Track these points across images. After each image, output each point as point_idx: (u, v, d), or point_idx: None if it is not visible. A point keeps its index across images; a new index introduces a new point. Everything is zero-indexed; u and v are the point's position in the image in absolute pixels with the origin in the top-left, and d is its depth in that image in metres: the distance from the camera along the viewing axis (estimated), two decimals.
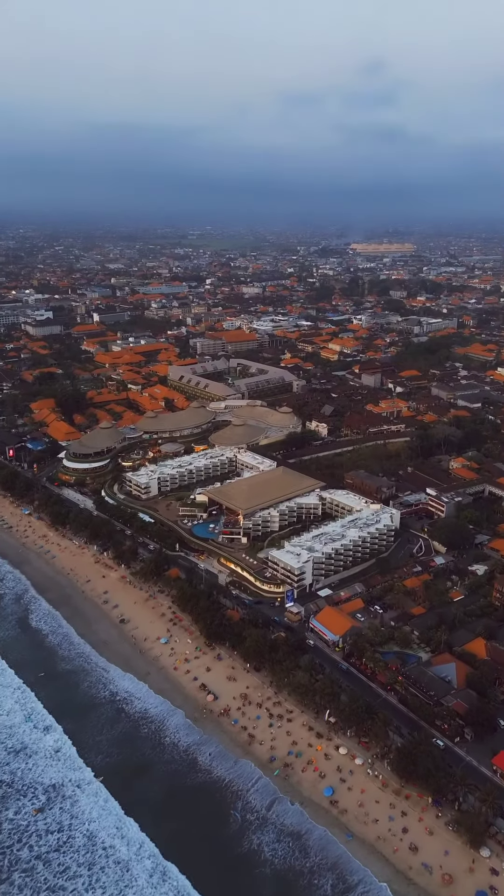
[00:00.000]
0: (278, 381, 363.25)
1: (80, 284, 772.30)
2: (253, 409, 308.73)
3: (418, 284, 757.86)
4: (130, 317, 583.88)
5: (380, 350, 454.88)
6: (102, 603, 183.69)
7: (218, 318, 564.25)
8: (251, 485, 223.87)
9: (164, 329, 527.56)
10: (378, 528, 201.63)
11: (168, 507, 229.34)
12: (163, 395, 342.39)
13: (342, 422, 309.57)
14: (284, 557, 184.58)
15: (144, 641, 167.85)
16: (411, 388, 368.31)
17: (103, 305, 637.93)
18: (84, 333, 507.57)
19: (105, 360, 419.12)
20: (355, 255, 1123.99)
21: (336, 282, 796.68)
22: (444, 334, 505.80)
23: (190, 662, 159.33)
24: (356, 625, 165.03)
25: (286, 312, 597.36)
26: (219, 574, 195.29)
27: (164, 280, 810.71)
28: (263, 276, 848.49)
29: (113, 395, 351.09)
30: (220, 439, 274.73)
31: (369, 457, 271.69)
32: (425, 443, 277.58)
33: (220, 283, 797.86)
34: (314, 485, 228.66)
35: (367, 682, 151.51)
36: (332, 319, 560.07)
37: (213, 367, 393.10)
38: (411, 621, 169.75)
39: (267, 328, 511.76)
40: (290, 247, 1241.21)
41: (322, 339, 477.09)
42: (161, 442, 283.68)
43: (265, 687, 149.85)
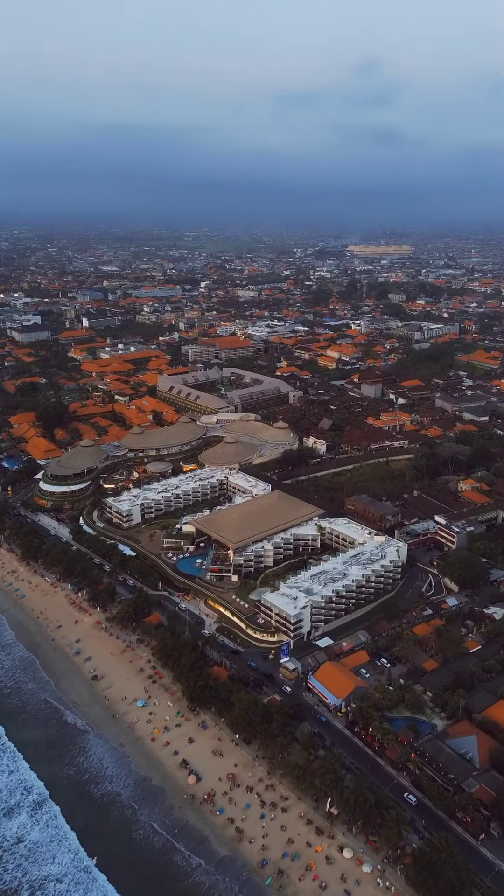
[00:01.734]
0: (273, 393, 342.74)
1: (72, 287, 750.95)
2: (246, 424, 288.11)
3: (417, 287, 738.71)
4: (121, 321, 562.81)
5: (380, 357, 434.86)
6: (74, 654, 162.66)
7: (212, 324, 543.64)
8: (243, 513, 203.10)
9: (156, 335, 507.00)
10: (383, 564, 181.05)
11: (151, 537, 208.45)
12: (151, 408, 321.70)
13: (341, 437, 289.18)
14: (279, 602, 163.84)
15: (119, 703, 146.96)
16: (414, 398, 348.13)
17: (94, 309, 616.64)
18: (72, 339, 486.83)
19: (92, 369, 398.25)
20: (352, 257, 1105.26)
21: (333, 284, 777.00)
22: (445, 340, 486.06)
23: (170, 731, 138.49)
24: (361, 685, 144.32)
25: (282, 317, 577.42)
26: (205, 618, 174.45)
27: (157, 283, 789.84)
28: (259, 279, 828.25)
29: (98, 407, 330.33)
30: (210, 458, 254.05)
31: (371, 477, 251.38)
32: (431, 462, 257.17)
33: (214, 285, 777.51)
34: (312, 512, 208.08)
35: (375, 757, 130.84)
36: (330, 325, 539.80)
37: (205, 376, 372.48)
38: (423, 679, 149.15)
39: (262, 334, 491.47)
40: (287, 248, 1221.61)
41: (319, 346, 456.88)
42: (147, 461, 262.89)
43: (256, 766, 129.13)
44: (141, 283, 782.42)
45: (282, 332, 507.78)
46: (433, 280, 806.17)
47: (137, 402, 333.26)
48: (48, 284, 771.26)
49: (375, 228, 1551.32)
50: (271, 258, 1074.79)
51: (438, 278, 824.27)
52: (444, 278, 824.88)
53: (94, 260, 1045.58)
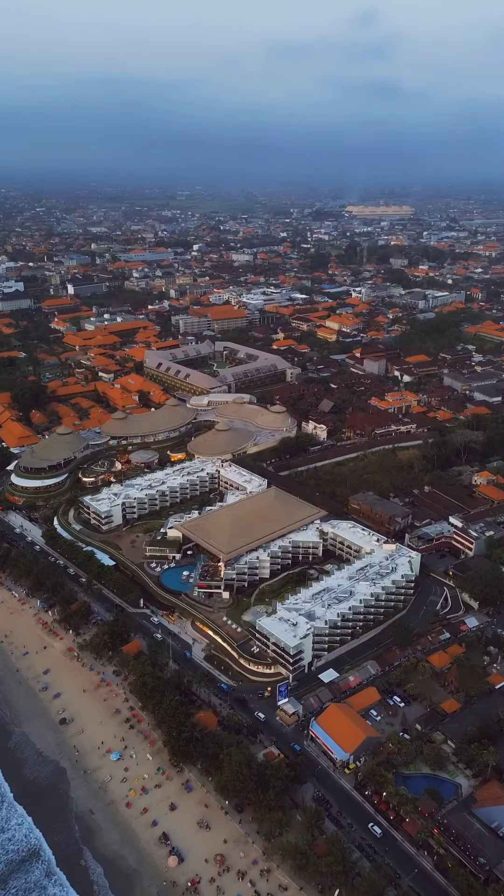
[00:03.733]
0: (269, 370, 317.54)
1: (58, 251, 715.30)
2: (240, 408, 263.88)
3: (420, 252, 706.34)
4: (109, 288, 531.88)
5: (382, 329, 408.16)
6: (41, 690, 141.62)
7: (204, 291, 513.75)
8: (235, 517, 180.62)
9: (145, 303, 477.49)
10: (395, 579, 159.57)
11: (133, 543, 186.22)
12: (137, 388, 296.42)
13: (343, 421, 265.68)
14: (276, 629, 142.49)
15: (91, 754, 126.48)
16: (420, 376, 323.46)
17: (80, 275, 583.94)
18: (55, 308, 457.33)
19: (75, 342, 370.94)
20: (351, 218, 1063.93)
21: (332, 248, 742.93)
22: (451, 310, 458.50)
23: (149, 794, 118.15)
24: (372, 734, 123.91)
25: (279, 283, 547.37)
26: (192, 643, 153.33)
27: (147, 246, 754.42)
28: (255, 242, 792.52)
29: (80, 386, 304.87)
30: (200, 448, 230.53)
31: (376, 468, 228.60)
32: (442, 451, 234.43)
33: (207, 248, 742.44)
34: (313, 515, 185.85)
35: (390, 829, 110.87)
36: (329, 292, 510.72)
37: (196, 351, 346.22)
38: (443, 724, 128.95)
39: (257, 303, 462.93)
40: (283, 209, 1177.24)
41: (318, 316, 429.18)
42: (131, 449, 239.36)
43: (250, 842, 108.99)
44: (131, 247, 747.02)
45: (278, 300, 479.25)
46: (435, 243, 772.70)
47: (122, 380, 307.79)
48: (33, 247, 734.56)
49: (374, 188, 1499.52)
50: (267, 219, 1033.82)
51: (441, 241, 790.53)
52: (447, 241, 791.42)
53: (83, 221, 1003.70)
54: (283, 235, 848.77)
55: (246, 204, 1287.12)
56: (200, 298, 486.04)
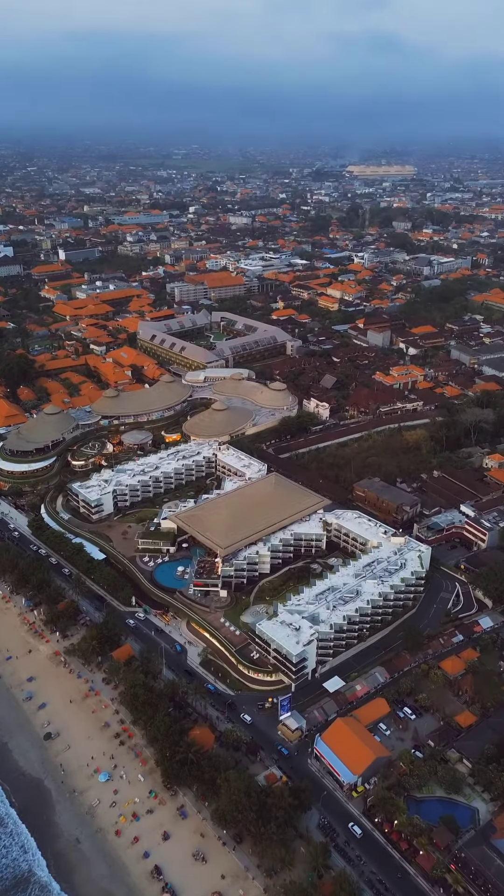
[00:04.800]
0: (269, 343, 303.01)
1: (49, 213, 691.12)
2: (238, 384, 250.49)
3: (423, 214, 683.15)
4: (101, 254, 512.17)
5: (386, 297, 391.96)
6: (25, 699, 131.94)
7: (200, 256, 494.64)
8: (234, 507, 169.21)
9: (139, 269, 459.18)
10: (404, 577, 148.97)
11: (125, 534, 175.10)
12: (130, 361, 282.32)
13: (346, 398, 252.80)
14: (278, 635, 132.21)
15: (77, 774, 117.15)
16: (426, 348, 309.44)
17: (72, 239, 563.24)
18: (46, 275, 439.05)
19: (66, 312, 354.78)
20: (352, 178, 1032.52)
21: (333, 210, 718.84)
22: (457, 277, 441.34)
23: (140, 821, 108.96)
24: (382, 754, 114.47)
25: (278, 248, 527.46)
26: (187, 646, 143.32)
27: (142, 208, 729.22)
28: (253, 203, 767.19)
29: (70, 360, 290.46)
30: (196, 429, 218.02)
31: (382, 450, 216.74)
32: (451, 432, 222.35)
33: (204, 211, 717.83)
34: (316, 504, 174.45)
35: (402, 862, 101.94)
36: (330, 257, 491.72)
37: (191, 322, 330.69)
38: (458, 741, 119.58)
39: (256, 269, 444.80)
40: (282, 169, 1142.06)
41: (319, 283, 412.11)
42: (123, 430, 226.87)
43: (250, 878, 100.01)
44: (125, 209, 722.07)
45: (277, 265, 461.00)
46: (439, 205, 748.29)
47: (115, 353, 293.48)
48: (24, 209, 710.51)
49: (376, 147, 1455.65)
50: (265, 179, 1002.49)
51: (445, 203, 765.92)
52: (451, 203, 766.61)
53: (76, 181, 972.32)
54: (283, 197, 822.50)
55: (244, 164, 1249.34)
56: (197, 264, 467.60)
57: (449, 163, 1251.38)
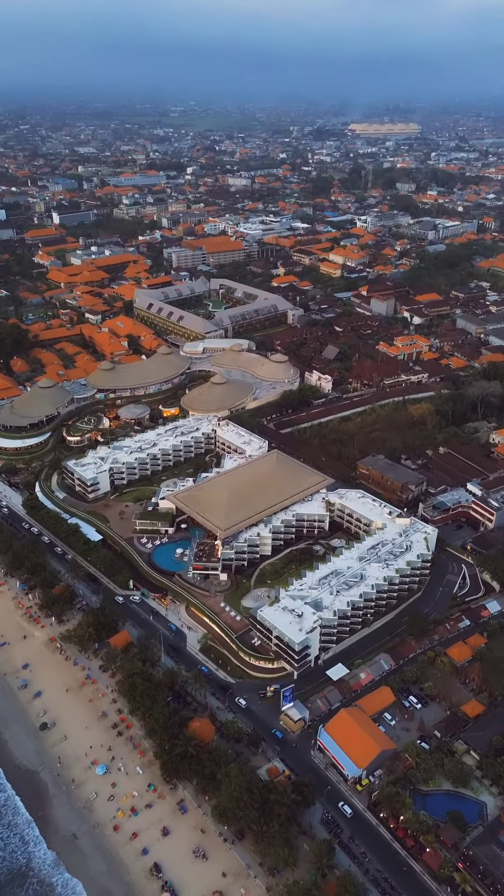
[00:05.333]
0: (269, 311, 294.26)
1: (43, 174, 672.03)
2: (238, 356, 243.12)
3: (428, 175, 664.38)
4: (97, 217, 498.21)
5: (390, 263, 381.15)
6: (20, 688, 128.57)
7: (198, 219, 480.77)
8: (234, 487, 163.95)
9: (135, 233, 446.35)
10: (410, 560, 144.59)
11: (122, 514, 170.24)
12: (126, 331, 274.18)
13: (349, 370, 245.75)
14: (280, 622, 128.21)
15: (75, 766, 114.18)
16: (431, 317, 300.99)
17: (66, 201, 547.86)
18: (39, 240, 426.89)
19: (60, 279, 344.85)
20: (354, 137, 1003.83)
21: (334, 171, 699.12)
22: (463, 241, 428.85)
23: (139, 816, 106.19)
24: (387, 747, 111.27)
25: (278, 211, 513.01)
26: (186, 631, 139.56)
27: (138, 169, 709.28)
28: (252, 164, 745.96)
29: (65, 329, 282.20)
30: (195, 403, 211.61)
31: (386, 425, 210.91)
32: (457, 406, 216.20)
33: (202, 172, 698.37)
34: (319, 483, 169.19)
35: (408, 859, 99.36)
36: (332, 221, 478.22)
37: (189, 289, 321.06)
38: (465, 731, 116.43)
39: (256, 233, 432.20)
40: (283, 127, 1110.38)
41: (321, 248, 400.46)
42: (120, 403, 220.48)
43: (252, 876, 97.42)
44: (120, 169, 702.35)
45: (278, 230, 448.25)
46: (444, 166, 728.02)
47: (111, 322, 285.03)
48: (16, 170, 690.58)
49: (378, 103, 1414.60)
50: (265, 138, 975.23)
51: (450, 164, 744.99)
52: (457, 164, 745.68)
53: (70, 140, 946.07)
54: (283, 157, 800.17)
55: (243, 121, 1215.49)
56: (194, 228, 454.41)
57: (454, 121, 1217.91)
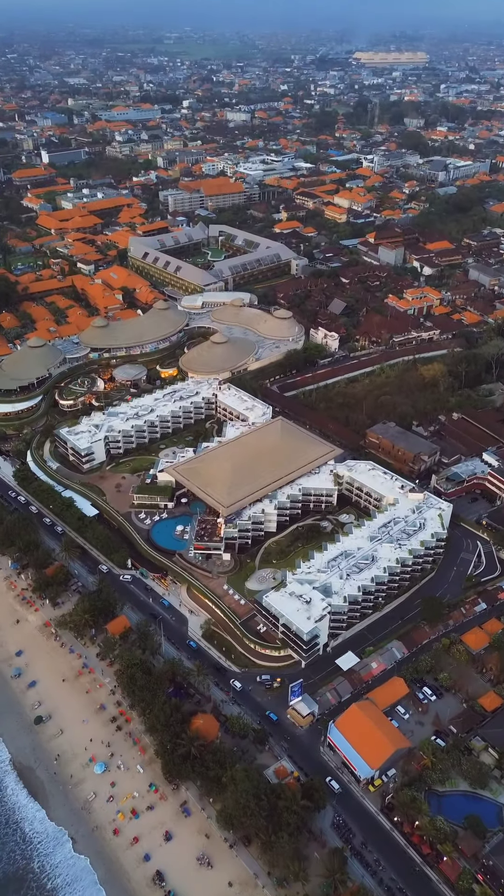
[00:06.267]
0: (272, 261, 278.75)
1: (31, 108, 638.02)
2: (239, 311, 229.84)
3: (437, 110, 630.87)
4: (88, 156, 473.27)
5: (398, 207, 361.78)
6: (13, 677, 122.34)
7: (196, 158, 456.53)
8: (236, 459, 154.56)
9: (129, 174, 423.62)
10: (423, 539, 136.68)
11: (119, 487, 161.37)
12: (121, 283, 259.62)
13: (356, 326, 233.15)
14: (287, 609, 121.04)
15: (72, 763, 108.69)
16: (442, 266, 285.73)
17: (56, 138, 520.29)
18: (28, 181, 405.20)
19: (50, 225, 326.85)
20: (359, 66, 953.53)
21: (339, 104, 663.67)
22: (475, 183, 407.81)
23: (140, 818, 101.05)
24: (402, 745, 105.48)
25: (279, 149, 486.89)
26: (189, 616, 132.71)
27: (132, 102, 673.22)
28: (252, 96, 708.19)
29: (56, 281, 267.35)
30: (194, 364, 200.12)
31: (396, 387, 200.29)
32: (471, 367, 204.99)
33: (199, 106, 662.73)
34: (326, 453, 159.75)
35: (424, 867, 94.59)
36: (337, 160, 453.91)
37: (187, 236, 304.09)
38: (483, 727, 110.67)
39: (256, 174, 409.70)
40: (283, 55, 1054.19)
41: (325, 190, 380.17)
42: (115, 363, 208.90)
43: (259, 886, 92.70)
44: (113, 103, 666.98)
45: (279, 170, 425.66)
46: (454, 99, 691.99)
47: (104, 273, 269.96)
48: (3, 103, 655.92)
49: (384, 30, 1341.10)
50: (265, 68, 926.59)
51: (460, 97, 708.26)
52: (467, 97, 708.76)
53: (60, 70, 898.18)
54: (284, 89, 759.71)
55: (241, 49, 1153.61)
56: (192, 168, 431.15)
57: (464, 49, 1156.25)
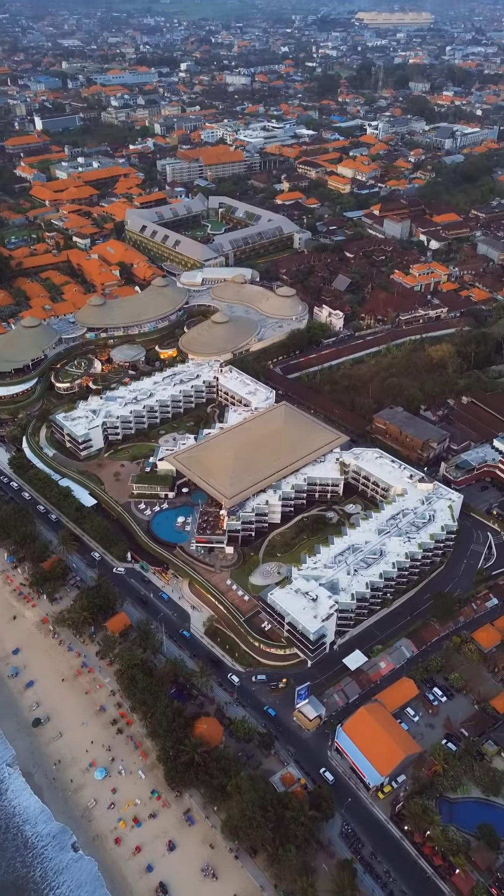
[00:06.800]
0: (274, 234, 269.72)
1: (24, 71, 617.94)
2: (240, 289, 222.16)
3: (443, 73, 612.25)
4: (83, 122, 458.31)
5: (403, 177, 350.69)
6: (10, 676, 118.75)
7: (194, 125, 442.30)
8: (239, 447, 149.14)
9: (125, 142, 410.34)
10: (433, 532, 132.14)
11: (117, 475, 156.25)
12: (118, 258, 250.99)
13: (361, 304, 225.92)
14: (293, 607, 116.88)
15: (71, 768, 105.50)
16: (450, 240, 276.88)
17: (50, 104, 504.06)
18: (21, 149, 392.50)
19: (44, 196, 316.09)
20: (362, 27, 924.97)
21: (341, 67, 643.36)
22: (482, 150, 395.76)
23: (142, 826, 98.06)
24: (412, 751, 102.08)
25: (281, 115, 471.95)
26: (191, 612, 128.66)
27: (128, 65, 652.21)
28: (252, 59, 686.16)
29: (51, 255, 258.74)
30: (194, 345, 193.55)
31: (403, 369, 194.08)
32: (481, 348, 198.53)
33: (197, 68, 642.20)
34: (332, 441, 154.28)
35: (435, 878, 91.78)
36: (340, 127, 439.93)
37: (185, 208, 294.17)
38: (496, 730, 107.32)
39: (257, 141, 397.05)
40: (284, 15, 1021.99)
41: (328, 159, 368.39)
42: (112, 343, 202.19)
43: None
44: (108, 66, 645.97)
45: (281, 137, 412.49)
46: (460, 62, 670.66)
47: (100, 247, 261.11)
48: None
49: None
50: (265, 28, 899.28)
51: (466, 59, 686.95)
52: (474, 59, 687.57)
53: (53, 31, 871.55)
54: (285, 51, 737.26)
55: (240, 9, 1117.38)
56: (190, 136, 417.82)
57: (469, 9, 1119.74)
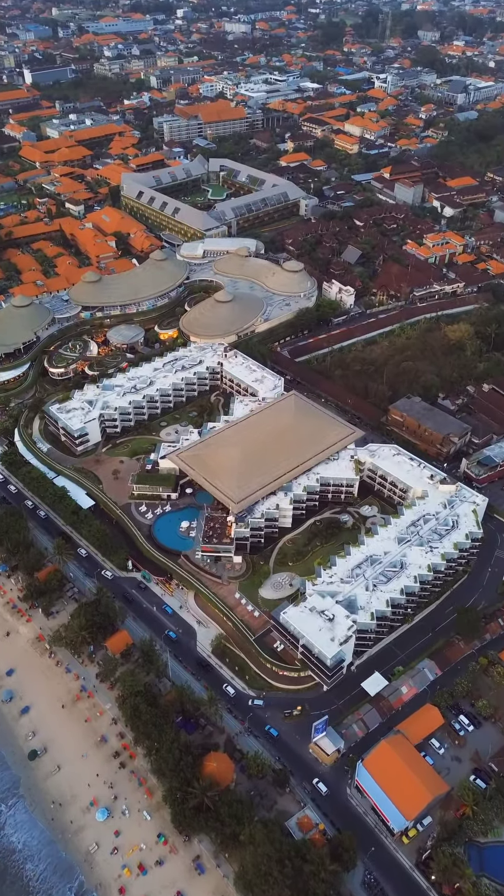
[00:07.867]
0: (279, 201, 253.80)
1: (11, 19, 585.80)
2: (244, 262, 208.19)
3: (453, 21, 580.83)
4: (75, 75, 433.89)
5: (414, 136, 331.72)
6: (5, 701, 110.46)
7: (192, 77, 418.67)
8: (246, 444, 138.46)
9: (119, 96, 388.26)
10: (457, 540, 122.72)
11: (116, 473, 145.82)
12: (113, 227, 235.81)
13: (373, 278, 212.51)
14: (308, 628, 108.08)
15: (71, 807, 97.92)
16: (465, 206, 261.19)
17: (40, 54, 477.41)
18: (9, 104, 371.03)
19: (35, 157, 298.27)
20: None
21: (346, 13, 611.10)
22: (497, 106, 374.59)
23: (148, 874, 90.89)
24: (440, 791, 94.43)
25: (283, 66, 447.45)
26: (196, 627, 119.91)
27: (121, 11, 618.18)
28: (252, 4, 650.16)
29: (43, 224, 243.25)
30: (196, 326, 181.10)
31: (418, 350, 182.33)
32: (501, 325, 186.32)
33: (195, 15, 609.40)
34: (346, 437, 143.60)
35: None
36: (346, 80, 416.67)
37: (184, 171, 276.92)
38: None
39: (259, 96, 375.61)
40: None
41: (334, 116, 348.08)
42: (109, 323, 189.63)
43: None
44: (100, 13, 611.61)
45: (284, 91, 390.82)
46: (472, 9, 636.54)
47: (95, 215, 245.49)
48: None
49: None
50: None
51: (477, 6, 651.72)
52: (486, 6, 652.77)
53: None
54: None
55: None
56: (188, 90, 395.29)
57: None
